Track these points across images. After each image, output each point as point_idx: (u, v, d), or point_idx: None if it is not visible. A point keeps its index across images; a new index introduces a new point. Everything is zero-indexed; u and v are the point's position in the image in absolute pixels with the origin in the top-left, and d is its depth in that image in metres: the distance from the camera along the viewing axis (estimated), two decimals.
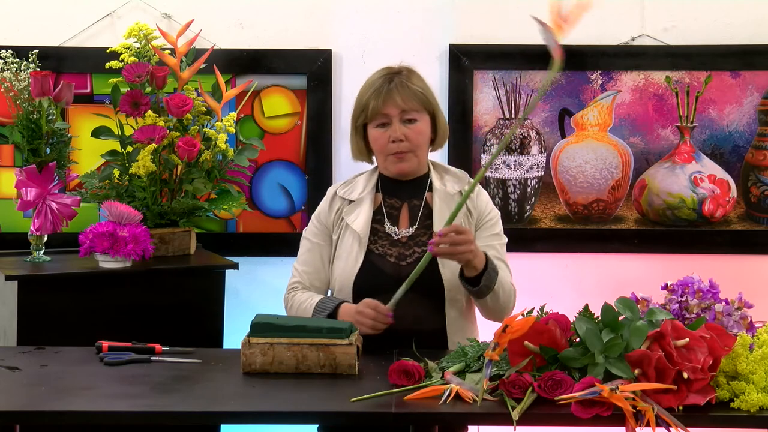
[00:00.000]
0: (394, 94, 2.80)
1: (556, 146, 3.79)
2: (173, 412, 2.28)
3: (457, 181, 2.90)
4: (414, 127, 2.82)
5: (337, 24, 3.77)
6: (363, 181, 2.92)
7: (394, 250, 2.83)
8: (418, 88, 2.83)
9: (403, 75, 2.84)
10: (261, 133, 3.77)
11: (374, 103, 2.80)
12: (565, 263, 3.81)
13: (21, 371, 2.53)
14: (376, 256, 2.82)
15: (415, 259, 2.78)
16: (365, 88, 2.86)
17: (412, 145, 2.82)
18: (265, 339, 2.50)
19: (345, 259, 2.84)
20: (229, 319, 3.34)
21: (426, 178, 2.90)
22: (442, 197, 2.86)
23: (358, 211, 2.86)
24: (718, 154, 3.78)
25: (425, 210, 2.87)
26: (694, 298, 2.50)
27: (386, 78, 2.83)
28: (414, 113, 2.82)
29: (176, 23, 3.66)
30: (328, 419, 2.35)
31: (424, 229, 2.84)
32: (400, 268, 2.80)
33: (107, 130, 3.41)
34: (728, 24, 3.74)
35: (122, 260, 3.17)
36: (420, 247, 2.82)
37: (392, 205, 2.88)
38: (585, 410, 2.19)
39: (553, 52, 2.54)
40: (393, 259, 2.82)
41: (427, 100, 2.85)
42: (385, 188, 2.90)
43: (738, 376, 2.28)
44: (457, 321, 2.81)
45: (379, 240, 2.84)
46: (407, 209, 2.88)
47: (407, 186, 2.89)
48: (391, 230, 2.85)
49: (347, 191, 2.91)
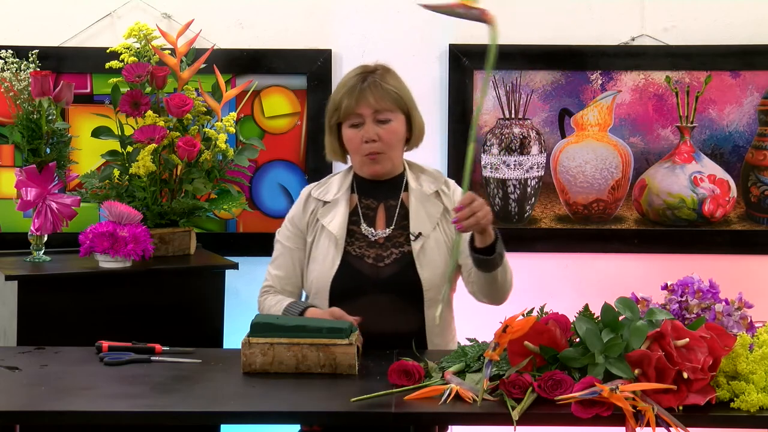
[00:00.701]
0: (367, 93, 2.75)
1: (556, 146, 3.79)
2: (173, 412, 2.28)
3: (433, 181, 2.87)
4: (387, 127, 2.77)
5: (337, 24, 3.77)
6: (338, 182, 2.88)
7: (371, 251, 2.79)
8: (392, 88, 2.79)
9: (378, 74, 2.80)
10: (261, 133, 3.77)
11: (347, 102, 2.76)
12: (565, 263, 3.81)
13: (21, 371, 2.53)
14: (353, 257, 2.78)
15: (393, 260, 2.76)
16: (339, 87, 2.82)
17: (384, 145, 2.78)
18: (265, 339, 2.50)
19: (321, 261, 2.80)
20: (229, 319, 3.34)
21: (402, 178, 2.87)
22: (418, 197, 2.83)
23: (333, 213, 2.83)
24: (718, 154, 3.78)
25: (401, 210, 2.83)
26: (694, 298, 2.50)
27: (360, 77, 2.79)
28: (387, 113, 2.77)
29: (176, 23, 3.66)
30: (328, 419, 2.35)
31: (401, 229, 2.81)
32: (378, 270, 2.77)
33: (107, 130, 3.40)
34: (728, 24, 3.74)
35: (122, 260, 3.17)
36: (397, 248, 2.78)
37: (368, 206, 2.85)
38: (585, 410, 2.19)
39: (482, 19, 2.45)
40: (371, 260, 2.78)
41: (402, 100, 2.80)
42: (361, 189, 2.87)
43: (738, 376, 2.28)
44: (435, 323, 2.75)
45: (356, 241, 2.80)
46: (384, 210, 2.84)
47: (383, 186, 2.86)
48: (368, 231, 2.81)
49: (322, 192, 2.87)
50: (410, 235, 2.78)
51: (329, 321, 2.59)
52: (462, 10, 2.46)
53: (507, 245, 2.70)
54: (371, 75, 2.80)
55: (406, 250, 2.78)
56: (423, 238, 2.77)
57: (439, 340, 2.77)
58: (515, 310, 2.37)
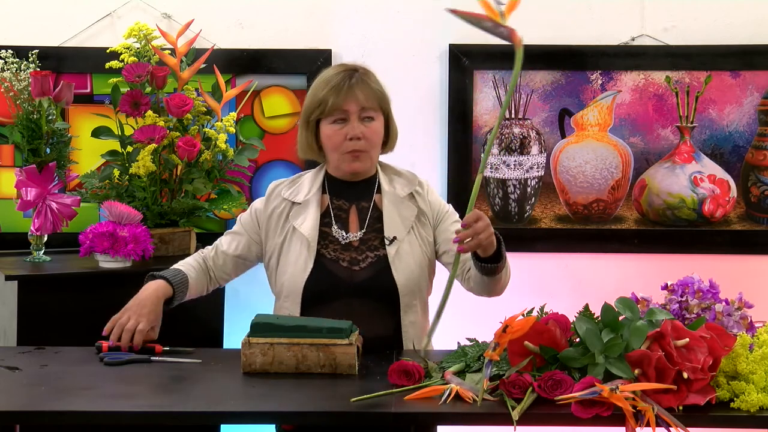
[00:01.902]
0: (356, 90, 2.72)
1: (556, 146, 3.79)
2: (173, 412, 2.28)
3: (407, 183, 2.83)
4: (371, 126, 2.75)
5: (337, 24, 3.77)
6: (308, 182, 2.83)
7: (345, 254, 2.74)
8: (377, 87, 2.77)
9: (362, 73, 2.77)
10: (261, 133, 3.77)
11: (334, 98, 2.71)
12: (565, 263, 3.81)
13: (21, 371, 2.53)
14: (328, 260, 2.74)
15: (369, 264, 2.73)
16: (322, 83, 2.76)
17: (368, 144, 2.75)
18: (265, 339, 2.50)
19: (293, 263, 2.75)
20: (229, 319, 3.34)
21: (374, 180, 2.83)
22: (391, 199, 2.79)
23: (305, 215, 2.77)
24: (718, 154, 3.78)
25: (374, 212, 2.80)
26: (694, 298, 2.50)
27: (346, 74, 2.75)
28: (372, 112, 2.75)
29: (176, 23, 3.66)
30: (328, 419, 2.35)
31: (374, 232, 2.77)
32: (353, 273, 2.73)
33: (107, 130, 3.41)
34: (728, 24, 3.74)
35: (122, 260, 3.17)
36: (372, 251, 2.75)
37: (340, 207, 2.80)
38: (585, 410, 2.19)
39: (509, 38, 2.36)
40: (345, 263, 2.74)
41: (385, 101, 2.79)
42: (332, 189, 2.82)
43: (738, 376, 2.28)
44: (412, 327, 2.74)
45: (330, 244, 2.76)
46: (356, 212, 2.80)
47: (355, 187, 2.82)
48: (339, 234, 2.77)
49: (292, 193, 2.82)
50: (385, 239, 2.76)
51: (329, 321, 2.59)
52: (490, 25, 2.37)
53: (507, 245, 2.70)
54: (356, 73, 2.76)
55: (381, 254, 2.74)
56: (397, 242, 2.75)
57: (416, 345, 2.74)
58: (515, 310, 2.37)
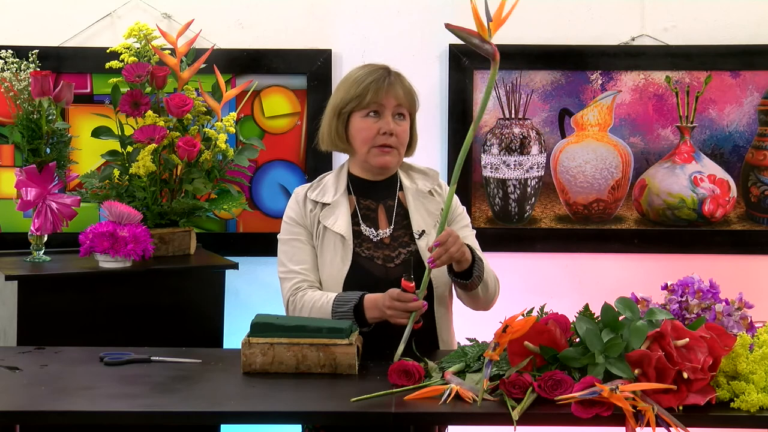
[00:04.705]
0: (396, 86, 2.78)
1: (556, 146, 3.79)
2: (173, 412, 2.28)
3: (427, 179, 2.88)
4: (403, 124, 2.79)
5: (337, 24, 3.77)
6: (332, 183, 2.85)
7: (379, 252, 2.78)
8: (411, 89, 2.83)
9: (396, 73, 2.83)
10: (261, 133, 3.77)
11: (374, 91, 2.76)
12: (565, 263, 3.81)
13: (21, 371, 2.53)
14: (363, 258, 2.77)
15: (402, 260, 2.76)
16: (360, 78, 2.79)
17: (398, 141, 2.79)
18: (265, 339, 2.50)
19: (330, 263, 2.77)
20: (229, 319, 3.34)
21: (395, 178, 2.87)
22: (414, 195, 2.84)
23: (336, 214, 2.80)
24: (718, 154, 3.78)
25: (399, 209, 2.84)
26: (694, 298, 2.50)
27: (384, 71, 2.80)
28: (405, 110, 2.80)
29: (176, 23, 3.66)
30: (328, 419, 2.35)
31: (403, 229, 2.81)
32: (387, 270, 2.76)
33: (107, 130, 3.41)
34: (728, 24, 3.74)
35: (122, 260, 3.17)
36: (404, 248, 2.79)
37: (367, 207, 2.84)
38: (585, 410, 2.19)
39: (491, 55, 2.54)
40: (380, 261, 2.78)
41: (414, 104, 2.84)
42: (357, 190, 2.85)
43: (738, 376, 2.28)
44: (444, 318, 2.80)
45: (363, 243, 2.79)
46: (383, 210, 2.84)
47: (379, 186, 2.86)
48: (369, 232, 2.80)
49: (319, 194, 2.83)
50: (414, 233, 2.79)
51: (329, 321, 2.59)
52: (477, 41, 2.53)
53: (507, 245, 2.70)
54: (392, 72, 2.82)
55: (413, 249, 2.78)
56: (426, 236, 2.79)
57: (446, 337, 2.80)
58: (515, 310, 2.37)
